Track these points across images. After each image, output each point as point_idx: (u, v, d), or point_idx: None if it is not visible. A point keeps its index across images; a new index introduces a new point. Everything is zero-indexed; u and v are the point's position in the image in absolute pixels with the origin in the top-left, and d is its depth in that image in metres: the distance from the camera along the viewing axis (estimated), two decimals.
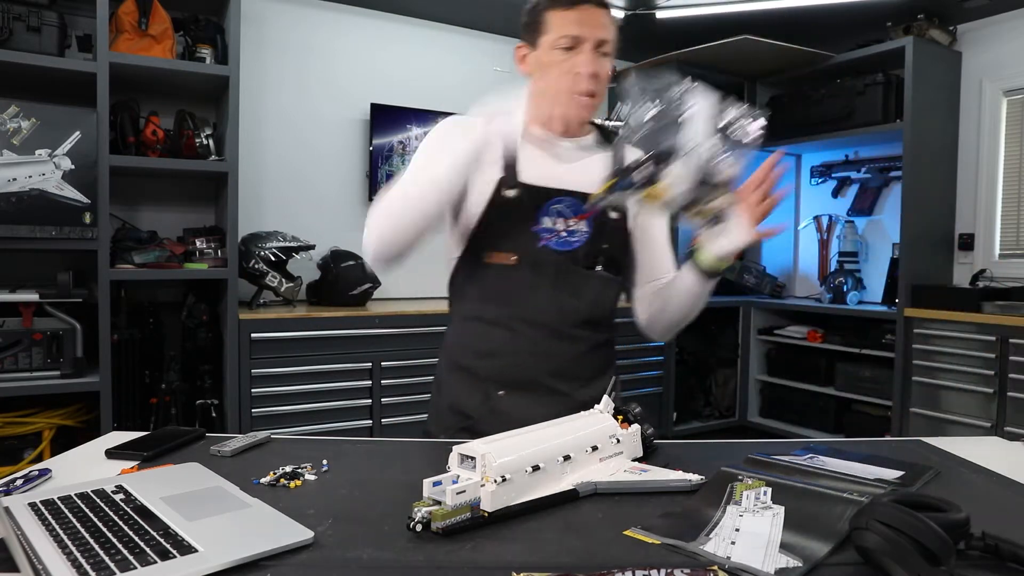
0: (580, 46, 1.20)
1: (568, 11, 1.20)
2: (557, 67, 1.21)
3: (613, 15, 1.24)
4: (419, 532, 0.80)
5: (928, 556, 0.67)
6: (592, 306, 1.28)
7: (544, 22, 1.22)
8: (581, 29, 1.19)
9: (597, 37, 1.20)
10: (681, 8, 3.49)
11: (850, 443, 1.26)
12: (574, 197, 1.25)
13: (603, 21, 1.21)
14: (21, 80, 2.56)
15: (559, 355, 1.26)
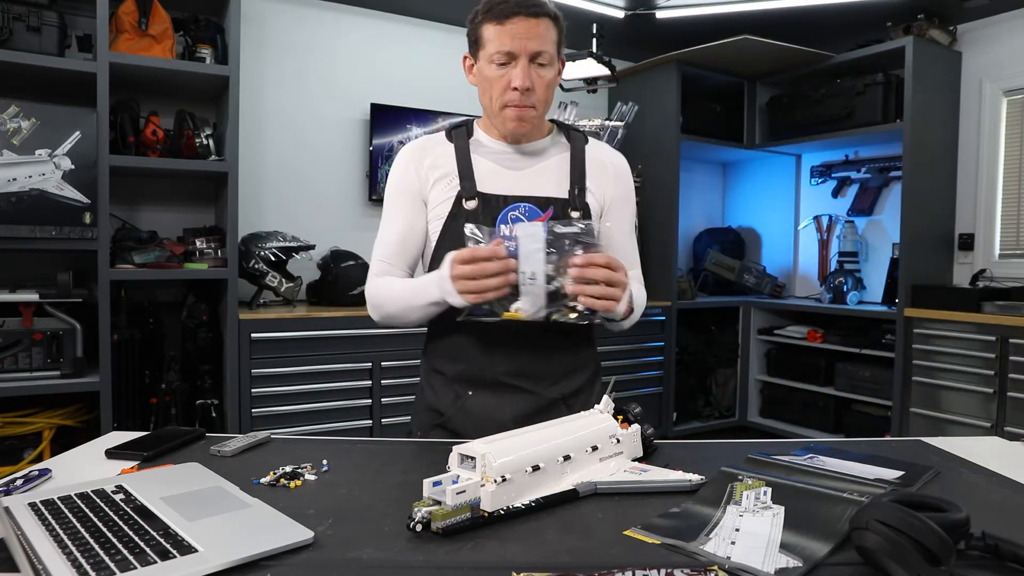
0: (515, 60, 1.21)
1: (501, 26, 1.21)
2: (494, 82, 1.24)
3: (550, 21, 1.23)
4: (419, 532, 0.80)
5: (928, 556, 0.67)
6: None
7: (481, 36, 1.25)
8: (514, 43, 1.20)
9: (531, 50, 1.20)
10: (681, 8, 3.49)
11: (850, 443, 1.26)
12: (530, 202, 1.26)
13: (537, 32, 1.20)
14: (21, 80, 2.56)
15: (522, 356, 1.28)
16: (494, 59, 1.22)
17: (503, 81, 1.22)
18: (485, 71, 1.25)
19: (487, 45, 1.23)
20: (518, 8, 1.20)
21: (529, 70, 1.21)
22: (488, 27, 1.23)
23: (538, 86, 1.23)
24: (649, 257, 4.04)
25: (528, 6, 1.20)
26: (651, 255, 4.02)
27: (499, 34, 1.21)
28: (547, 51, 1.22)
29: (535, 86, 1.22)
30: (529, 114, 1.24)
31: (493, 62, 1.23)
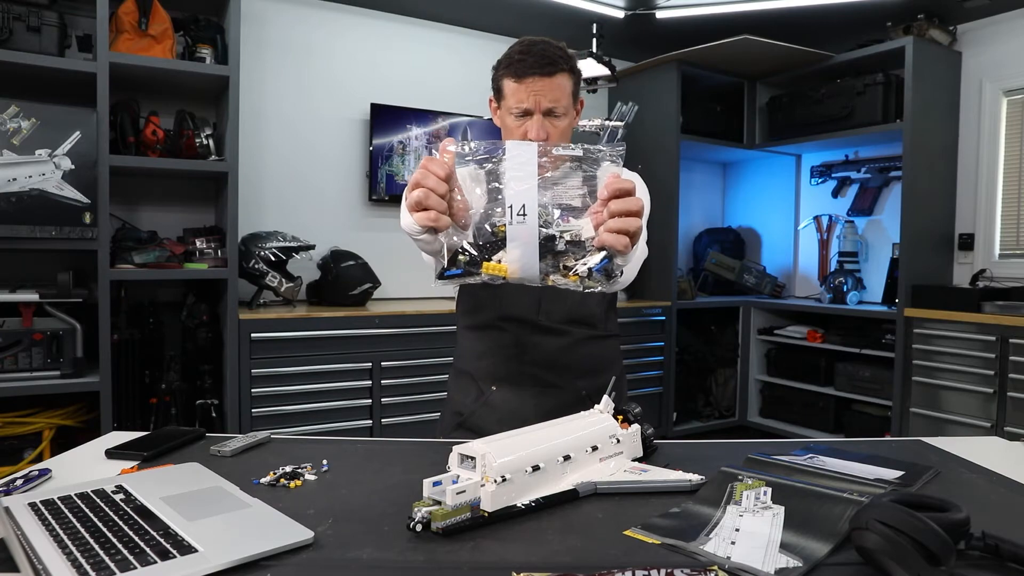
0: (531, 115, 1.29)
1: (519, 83, 1.28)
2: (513, 131, 1.31)
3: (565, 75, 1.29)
4: (419, 532, 0.80)
5: (928, 556, 0.67)
6: (577, 305, 1.35)
7: (502, 88, 1.32)
8: (529, 100, 1.28)
9: (544, 106, 1.28)
10: (681, 8, 3.49)
11: (850, 443, 1.26)
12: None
13: (551, 89, 1.27)
14: (21, 80, 2.56)
15: (545, 347, 1.34)
16: (512, 111, 1.30)
17: (520, 132, 1.30)
18: (505, 120, 1.33)
19: (507, 98, 1.31)
20: (534, 68, 1.27)
21: (544, 123, 1.28)
22: (507, 81, 1.30)
23: (552, 136, 1.30)
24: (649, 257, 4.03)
25: (543, 65, 1.27)
26: (651, 255, 4.01)
27: (516, 90, 1.28)
28: (560, 104, 1.29)
29: (550, 136, 1.29)
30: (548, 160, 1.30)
31: (511, 114, 1.30)
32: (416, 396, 3.05)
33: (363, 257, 3.25)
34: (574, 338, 1.36)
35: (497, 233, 0.91)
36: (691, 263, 4.60)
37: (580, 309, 1.36)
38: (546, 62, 1.27)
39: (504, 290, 1.32)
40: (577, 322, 1.37)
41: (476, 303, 1.39)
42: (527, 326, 1.33)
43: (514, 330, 1.34)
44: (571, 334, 1.36)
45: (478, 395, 1.37)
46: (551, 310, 1.35)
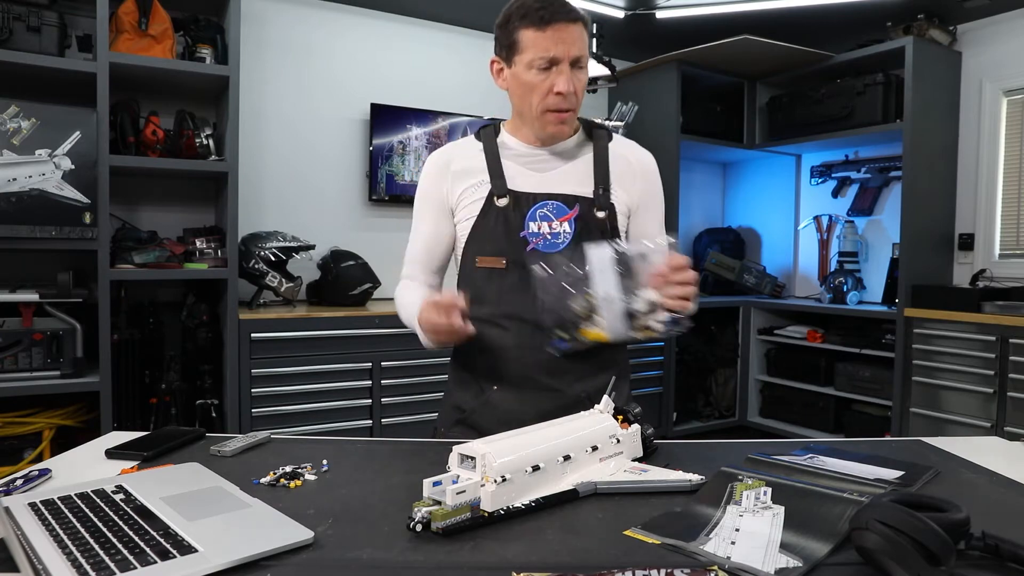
0: (557, 66, 1.22)
1: (542, 31, 1.20)
2: (535, 87, 1.24)
3: (583, 25, 1.24)
4: (420, 532, 0.80)
5: (928, 556, 0.67)
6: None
7: (519, 41, 1.23)
8: (557, 49, 1.20)
9: (573, 55, 1.21)
10: (681, 8, 3.49)
11: (850, 443, 1.26)
12: (558, 200, 1.30)
13: (577, 36, 1.22)
14: (21, 80, 2.56)
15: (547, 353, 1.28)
16: (535, 64, 1.22)
17: (545, 86, 1.23)
18: (524, 76, 1.24)
19: (525, 51, 1.22)
20: (557, 14, 1.20)
21: (571, 74, 1.23)
22: (527, 32, 1.21)
23: (578, 89, 1.25)
24: None
25: (567, 12, 1.21)
26: None
27: (540, 39, 1.20)
28: (584, 55, 1.24)
29: (576, 89, 1.24)
30: (569, 118, 1.27)
31: (534, 67, 1.22)
32: (416, 396, 3.05)
33: (363, 257, 3.25)
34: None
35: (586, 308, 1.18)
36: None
37: None
38: (568, 8, 1.21)
39: (506, 285, 1.30)
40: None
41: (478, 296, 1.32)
42: (528, 326, 1.28)
43: (515, 329, 1.30)
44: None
45: (478, 392, 1.34)
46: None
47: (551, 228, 1.28)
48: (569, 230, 1.29)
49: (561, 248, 1.28)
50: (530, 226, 1.28)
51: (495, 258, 1.30)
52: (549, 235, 1.28)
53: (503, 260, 1.29)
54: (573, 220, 1.28)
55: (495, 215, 1.29)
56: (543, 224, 1.29)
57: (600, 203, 1.31)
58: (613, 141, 1.37)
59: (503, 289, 1.30)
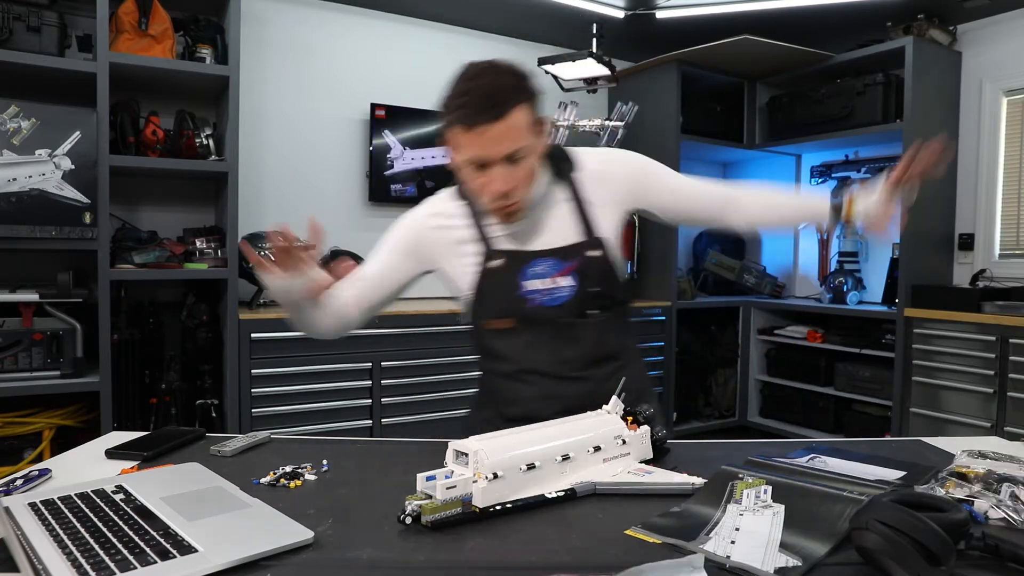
0: (489, 167, 1.16)
1: (468, 133, 1.12)
2: (473, 184, 1.20)
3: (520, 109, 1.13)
4: (417, 530, 0.81)
5: (928, 556, 0.67)
6: (594, 348, 1.30)
7: (452, 140, 1.17)
8: (485, 151, 1.13)
9: (503, 153, 1.13)
10: (681, 8, 3.49)
11: (850, 443, 1.26)
12: (554, 256, 1.27)
13: (507, 132, 1.12)
14: (21, 80, 2.56)
15: (568, 396, 1.28)
16: (468, 164, 1.17)
17: (480, 184, 1.18)
18: (463, 172, 1.20)
19: (459, 151, 1.17)
20: (484, 113, 1.10)
21: (505, 172, 1.15)
22: (455, 131, 1.14)
23: (519, 182, 1.18)
24: (649, 257, 4.04)
25: (493, 107, 1.10)
26: (651, 255, 4.02)
27: (467, 141, 1.13)
28: (520, 144, 1.15)
29: (516, 184, 1.18)
30: (515, 208, 1.22)
31: (468, 167, 1.17)
32: (416, 396, 3.05)
33: (363, 257, 3.24)
34: (598, 380, 1.30)
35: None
36: (691, 263, 4.60)
37: (599, 349, 1.31)
38: (492, 104, 1.10)
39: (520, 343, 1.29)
40: (599, 362, 1.31)
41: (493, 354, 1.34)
42: (549, 378, 1.29)
43: (537, 382, 1.30)
44: (593, 378, 1.30)
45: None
46: (570, 358, 1.29)
47: (552, 283, 1.27)
48: (571, 282, 1.27)
49: (564, 301, 1.27)
50: (526, 285, 1.26)
51: (502, 320, 1.30)
52: (550, 289, 1.27)
53: (511, 321, 1.29)
54: (573, 274, 1.27)
55: (492, 278, 1.28)
56: (544, 280, 1.27)
57: (592, 243, 1.28)
58: (577, 167, 1.32)
59: (518, 347, 1.30)
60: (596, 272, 1.28)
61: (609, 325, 1.32)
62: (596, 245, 1.29)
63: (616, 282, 1.32)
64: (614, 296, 1.32)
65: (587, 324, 1.29)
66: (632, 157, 1.38)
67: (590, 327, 1.30)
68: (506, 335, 1.31)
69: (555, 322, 1.28)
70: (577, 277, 1.27)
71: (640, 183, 1.34)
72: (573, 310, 1.28)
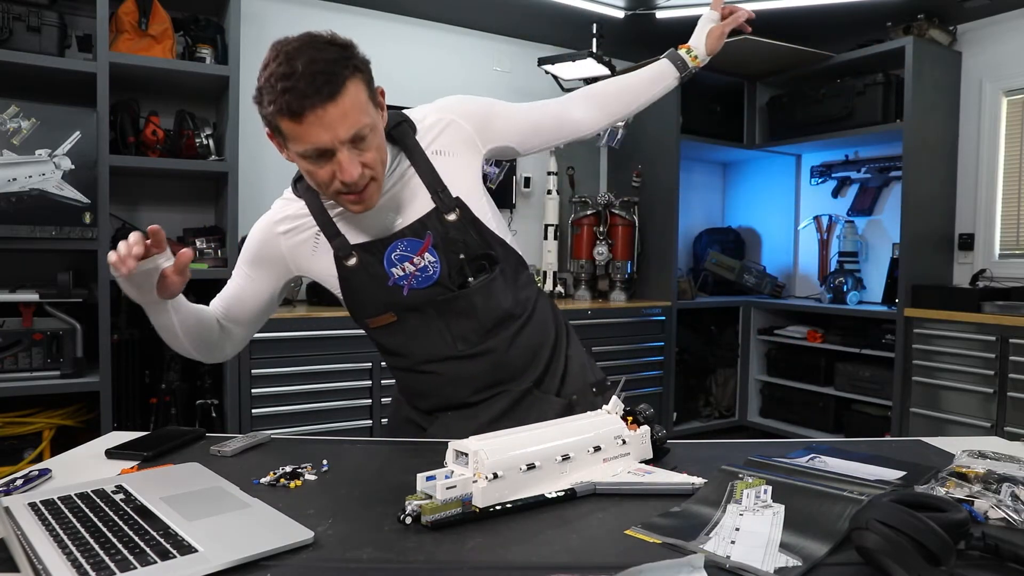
0: (331, 155, 1.01)
1: (299, 123, 0.98)
2: (316, 175, 1.05)
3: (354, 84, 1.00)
4: (417, 530, 0.81)
5: (928, 556, 0.67)
6: (486, 316, 1.21)
7: (281, 129, 1.01)
8: (322, 138, 0.99)
9: (345, 137, 1.00)
10: (681, 8, 3.49)
11: (850, 443, 1.26)
12: (407, 236, 1.16)
13: (344, 114, 0.98)
14: (21, 80, 2.56)
15: (477, 374, 1.24)
16: (307, 155, 1.02)
17: (325, 175, 1.04)
18: (302, 164, 1.05)
19: (291, 141, 1.01)
20: (308, 99, 0.96)
21: (351, 157, 1.02)
22: (284, 122, 0.99)
23: (369, 163, 1.04)
24: (649, 257, 4.04)
25: (320, 89, 0.96)
26: (651, 255, 4.02)
27: (299, 132, 0.99)
28: (363, 123, 1.01)
29: (367, 163, 1.04)
30: (369, 190, 1.08)
31: (307, 158, 1.02)
32: None
33: None
34: (500, 349, 1.22)
35: None
36: (691, 263, 4.60)
37: (492, 315, 1.21)
38: (324, 81, 0.96)
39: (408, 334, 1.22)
40: (494, 329, 1.22)
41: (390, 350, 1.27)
42: (450, 362, 1.22)
43: (439, 369, 1.23)
44: (495, 348, 1.22)
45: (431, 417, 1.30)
46: (465, 334, 1.20)
47: (415, 264, 1.16)
48: (433, 258, 1.16)
49: (436, 278, 1.17)
50: (393, 273, 1.16)
51: (382, 316, 1.20)
52: (417, 272, 1.17)
53: (391, 315, 1.20)
54: (431, 249, 1.16)
55: (354, 277, 1.18)
56: (405, 265, 1.17)
57: (444, 206, 1.16)
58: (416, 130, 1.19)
59: (408, 339, 1.23)
60: (458, 237, 1.17)
61: (494, 286, 1.21)
62: (450, 207, 1.16)
63: (485, 240, 1.20)
64: (488, 255, 1.20)
65: (469, 293, 1.19)
66: (467, 98, 1.26)
67: (473, 295, 1.19)
68: (392, 330, 1.22)
69: (435, 301, 1.18)
70: (437, 250, 1.16)
71: (484, 120, 1.23)
72: (449, 285, 1.18)
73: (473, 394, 1.25)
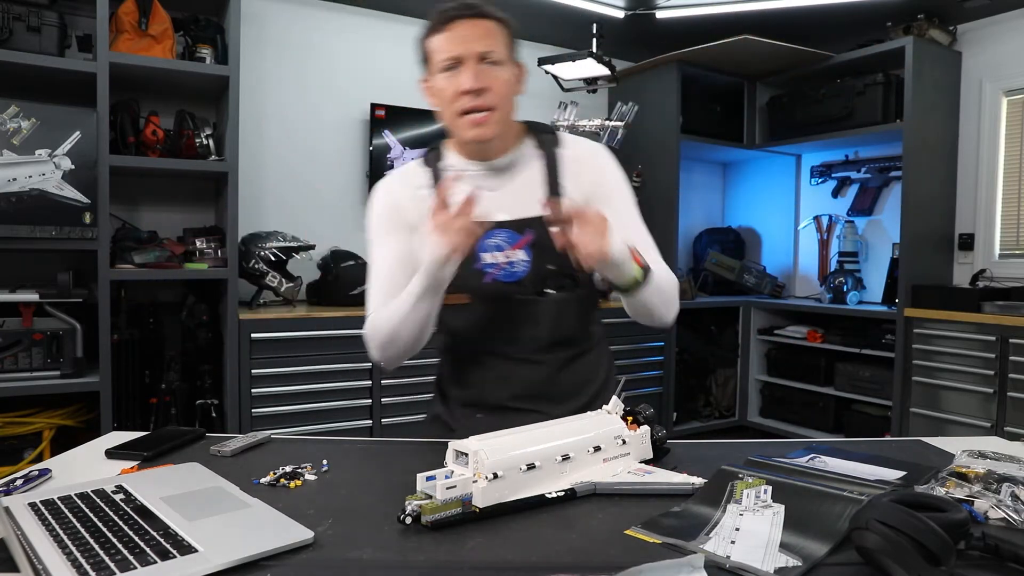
0: (461, 65, 1.16)
1: (443, 32, 1.17)
2: (445, 91, 1.18)
3: (496, 24, 1.18)
4: (417, 530, 0.81)
5: (928, 556, 0.67)
6: (551, 331, 1.25)
7: (429, 50, 1.20)
8: (457, 47, 1.15)
9: (476, 51, 1.15)
10: (681, 8, 3.49)
11: (850, 443, 1.26)
12: (507, 228, 1.22)
13: (481, 32, 1.16)
14: (21, 80, 2.56)
15: (523, 380, 1.26)
16: (441, 67, 1.17)
17: (453, 86, 1.17)
18: (437, 83, 1.20)
19: (434, 56, 1.19)
20: (458, 12, 1.16)
21: (479, 70, 1.15)
22: (433, 39, 1.19)
23: (493, 85, 1.16)
24: None
25: (468, 8, 1.16)
26: None
27: (442, 42, 1.17)
28: (496, 51, 1.17)
29: (490, 85, 1.16)
30: (488, 119, 1.17)
31: (442, 71, 1.18)
32: (416, 396, 3.04)
33: (363, 257, 3.25)
34: (552, 366, 1.26)
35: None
36: (691, 263, 4.60)
37: (556, 331, 1.26)
38: (473, 9, 1.16)
39: (473, 320, 1.26)
40: (555, 346, 1.26)
41: (451, 331, 1.31)
42: (501, 360, 1.26)
43: (490, 363, 1.27)
44: (547, 363, 1.26)
45: (463, 416, 1.32)
46: (524, 339, 1.25)
47: (506, 257, 1.22)
48: (525, 258, 1.22)
49: (520, 277, 1.22)
50: (483, 257, 1.22)
51: (457, 295, 1.24)
52: (505, 264, 1.22)
53: (465, 296, 1.25)
54: (527, 247, 1.22)
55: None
56: (497, 254, 1.22)
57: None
58: (561, 144, 1.28)
59: (472, 324, 1.27)
60: (554, 248, 1.17)
61: (568, 307, 1.26)
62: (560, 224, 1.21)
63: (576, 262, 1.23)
64: (574, 276, 1.24)
65: (544, 303, 1.23)
66: (610, 164, 1.31)
67: (547, 306, 1.24)
68: (461, 311, 1.26)
69: (511, 299, 1.23)
70: (532, 251, 1.22)
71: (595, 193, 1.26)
72: (529, 287, 1.23)
73: (512, 399, 1.26)
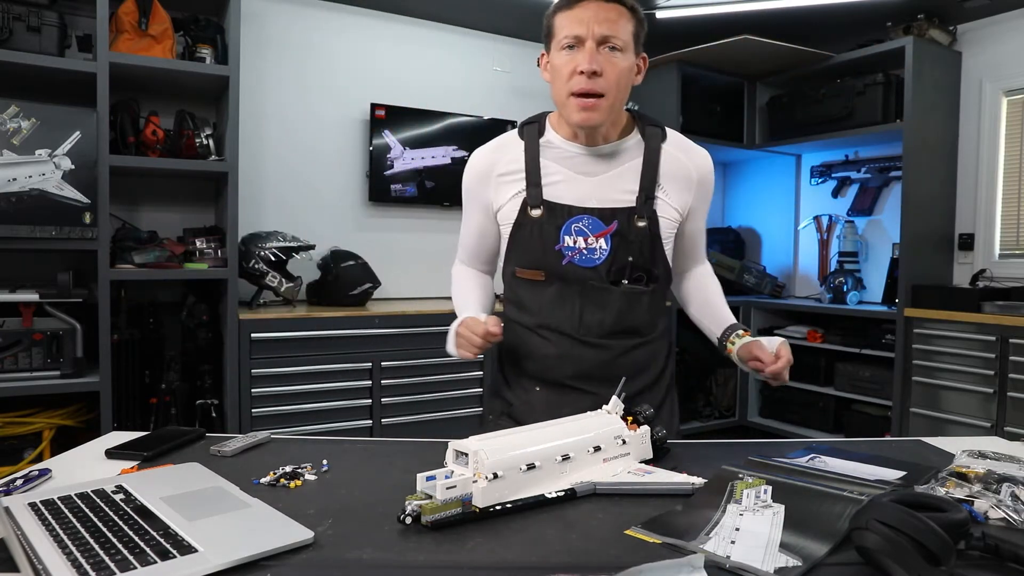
0: (582, 44, 1.18)
1: (570, 10, 1.19)
2: (562, 68, 1.21)
3: (624, 9, 1.20)
4: (417, 530, 0.81)
5: (928, 556, 0.67)
6: (619, 318, 1.29)
7: (553, 26, 1.23)
8: (581, 27, 1.17)
9: (599, 33, 1.17)
10: (681, 8, 3.49)
11: (850, 443, 1.26)
12: (594, 215, 1.26)
13: (607, 16, 1.17)
14: (21, 80, 2.56)
15: (585, 360, 1.29)
16: (562, 44, 1.20)
17: (570, 66, 1.19)
18: (555, 60, 1.23)
19: (557, 33, 1.22)
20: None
21: (598, 54, 1.18)
22: (559, 16, 1.21)
23: (608, 71, 1.18)
24: None
25: None
26: None
27: (566, 19, 1.19)
28: (618, 36, 1.18)
29: (604, 71, 1.18)
30: (598, 105, 1.20)
31: (562, 48, 1.20)
32: (416, 396, 3.05)
33: (363, 257, 3.25)
34: (615, 351, 1.30)
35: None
36: None
37: (623, 320, 1.29)
38: None
39: (546, 297, 1.30)
40: (620, 333, 1.30)
41: (520, 304, 1.35)
42: (567, 339, 1.29)
43: (555, 340, 1.30)
44: (611, 348, 1.29)
45: (523, 390, 1.35)
46: (591, 324, 1.28)
47: (587, 243, 1.25)
48: (605, 246, 1.25)
49: (598, 264, 1.26)
50: (565, 240, 1.25)
51: (533, 271, 1.29)
52: (585, 249, 1.25)
53: (541, 273, 1.29)
54: (609, 236, 1.25)
55: (530, 226, 1.27)
56: (579, 239, 1.25)
57: (642, 212, 1.26)
58: (667, 141, 1.32)
59: (544, 301, 1.30)
60: (636, 242, 1.26)
61: (639, 300, 1.30)
62: (647, 215, 1.26)
63: (656, 259, 1.29)
64: (650, 272, 1.29)
65: (617, 292, 1.27)
66: (713, 177, 1.39)
67: (619, 296, 1.28)
68: (535, 287, 1.31)
69: (585, 284, 1.27)
70: (613, 241, 1.25)
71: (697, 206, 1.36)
72: (605, 276, 1.27)
73: (572, 378, 1.30)
